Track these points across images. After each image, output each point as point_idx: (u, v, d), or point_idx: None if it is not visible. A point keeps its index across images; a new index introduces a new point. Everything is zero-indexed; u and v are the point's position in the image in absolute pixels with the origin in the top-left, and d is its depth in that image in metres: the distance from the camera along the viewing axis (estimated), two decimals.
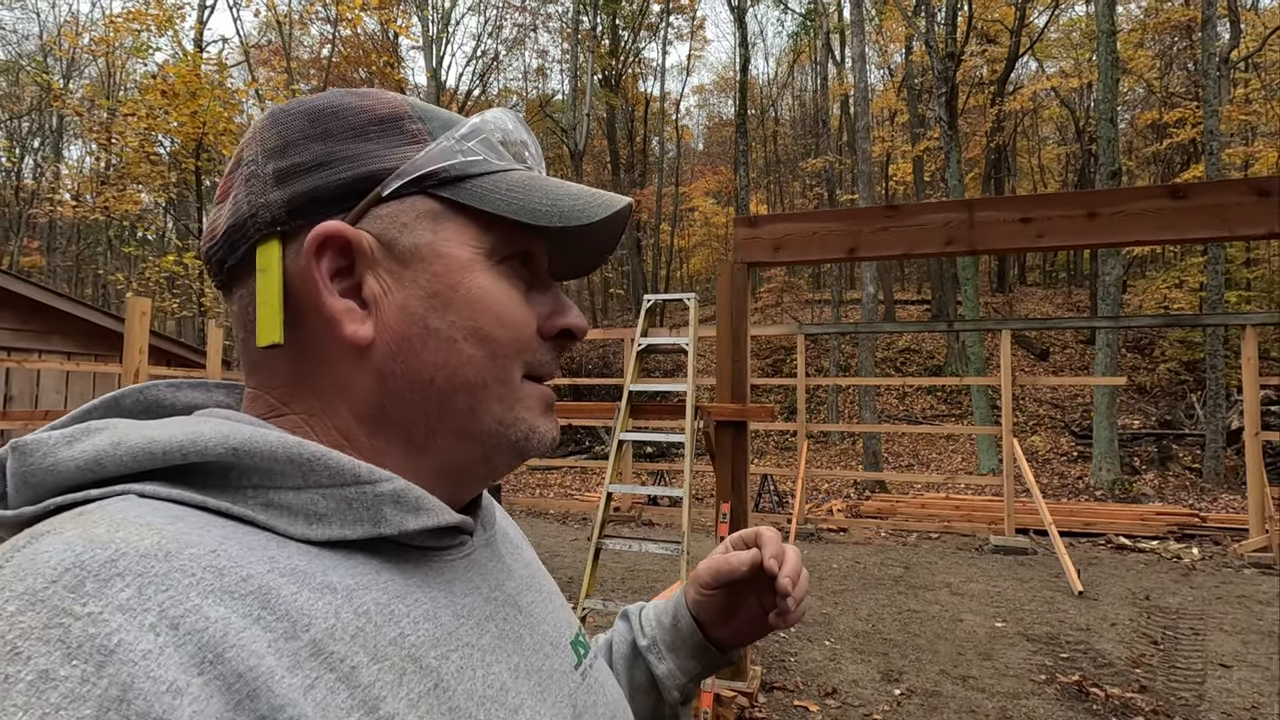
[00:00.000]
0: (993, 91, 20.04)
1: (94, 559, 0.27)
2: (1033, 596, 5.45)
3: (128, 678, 0.25)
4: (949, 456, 14.50)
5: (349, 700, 0.31)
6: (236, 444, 0.35)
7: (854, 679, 3.89)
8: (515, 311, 0.43)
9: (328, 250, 0.40)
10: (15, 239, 23.85)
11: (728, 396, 3.72)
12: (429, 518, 0.38)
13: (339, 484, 0.36)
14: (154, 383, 0.44)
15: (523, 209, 0.42)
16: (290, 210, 0.40)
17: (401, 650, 0.34)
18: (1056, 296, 21.63)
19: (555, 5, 26.26)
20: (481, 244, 0.42)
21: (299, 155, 0.41)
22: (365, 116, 0.42)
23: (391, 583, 0.37)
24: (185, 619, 0.27)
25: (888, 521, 8.35)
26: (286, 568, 0.33)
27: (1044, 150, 26.48)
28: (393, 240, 0.41)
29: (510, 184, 0.43)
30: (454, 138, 0.43)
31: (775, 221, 3.77)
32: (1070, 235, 3.33)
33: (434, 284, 0.41)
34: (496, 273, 0.43)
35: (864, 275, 13.61)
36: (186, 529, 0.31)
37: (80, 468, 0.34)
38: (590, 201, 0.43)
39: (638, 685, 0.63)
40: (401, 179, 0.41)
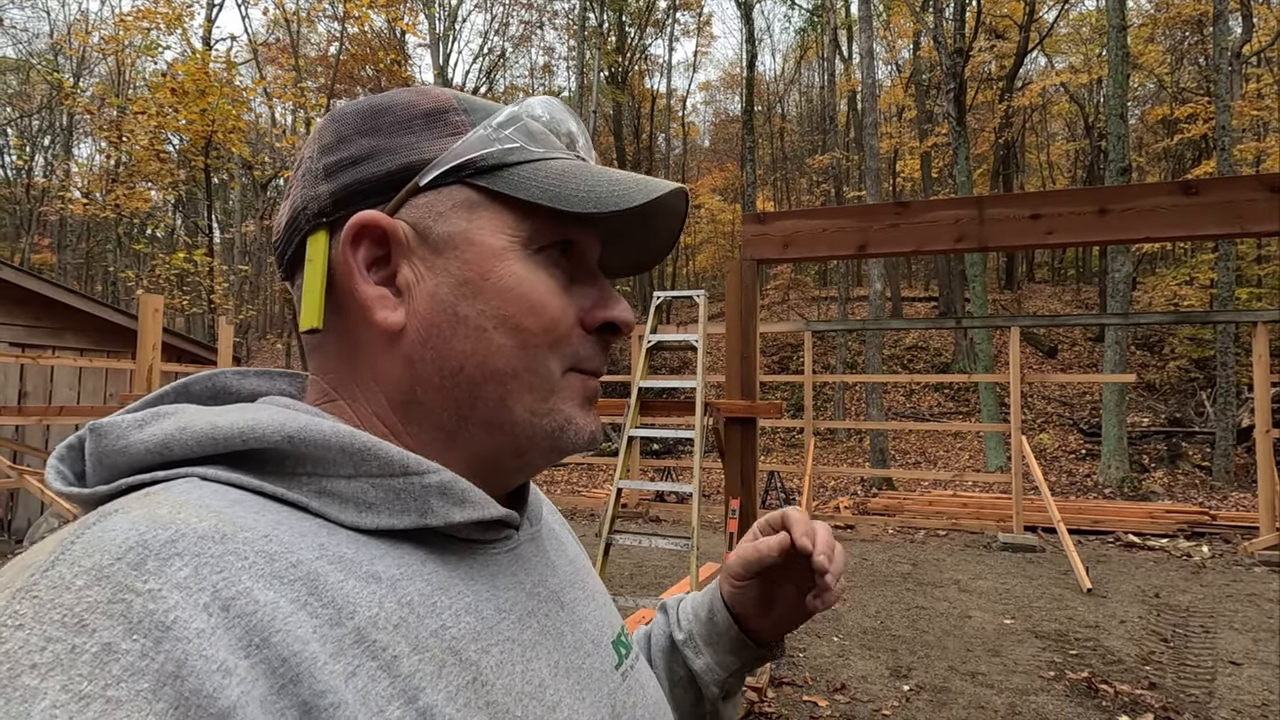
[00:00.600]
0: (1001, 87, 19.92)
1: (156, 538, 0.29)
2: (1041, 594, 5.45)
3: (182, 654, 0.26)
4: (956, 454, 14.46)
5: (389, 689, 0.31)
6: (292, 432, 0.36)
7: (863, 675, 3.90)
8: (550, 301, 0.42)
9: (364, 239, 0.41)
10: (26, 236, 24.04)
11: (737, 393, 3.73)
12: (474, 510, 0.39)
13: (388, 474, 0.37)
14: (221, 370, 0.45)
15: (557, 195, 0.41)
16: (335, 202, 0.41)
17: (442, 642, 0.35)
18: (1065, 294, 21.52)
19: (562, 2, 26.28)
20: (517, 232, 0.42)
21: (347, 150, 0.42)
22: (412, 111, 0.43)
23: (435, 574, 0.38)
24: (236, 601, 0.29)
25: (895, 519, 8.34)
26: (335, 555, 0.34)
27: (1053, 146, 26.31)
28: (428, 229, 0.41)
29: (549, 172, 0.42)
30: (490, 125, 0.42)
31: (784, 218, 3.77)
32: (1080, 232, 3.32)
33: (465, 271, 0.41)
34: (532, 262, 0.42)
35: (871, 272, 13.57)
36: (243, 513, 0.33)
37: (149, 450, 0.36)
38: (631, 187, 0.42)
39: (677, 679, 0.62)
40: (438, 168, 0.41)
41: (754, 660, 0.61)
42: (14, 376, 7.27)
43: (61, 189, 20.08)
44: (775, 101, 31.37)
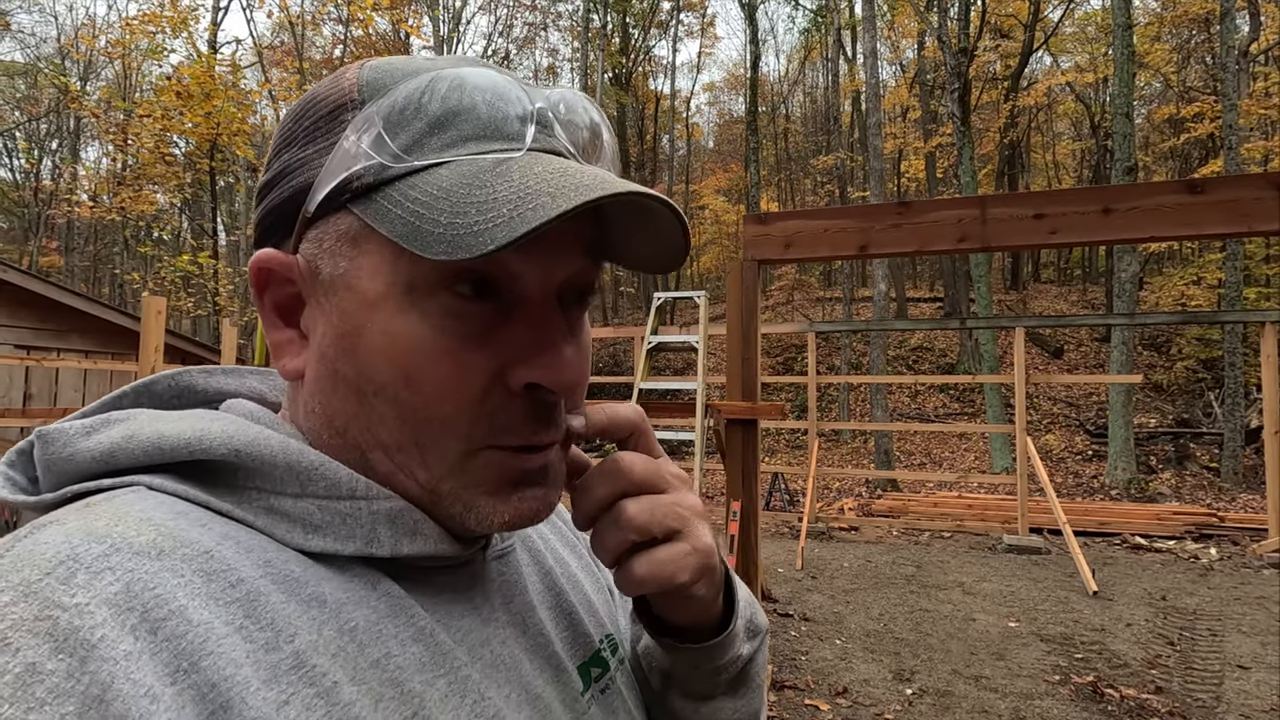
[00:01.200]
0: (1006, 87, 19.85)
1: (89, 552, 0.27)
2: (1047, 596, 5.41)
3: (108, 677, 0.25)
4: (962, 455, 14.40)
5: (326, 718, 0.29)
6: (239, 445, 0.34)
7: (865, 678, 3.87)
8: (434, 369, 0.34)
9: (269, 279, 0.38)
10: (34, 239, 24.20)
11: (738, 394, 3.71)
12: (425, 544, 0.36)
13: (334, 496, 0.35)
14: (187, 369, 0.43)
15: (413, 232, 0.31)
16: (261, 231, 0.39)
17: (384, 673, 0.33)
18: (1071, 294, 21.42)
19: (566, 4, 26.32)
20: (397, 273, 0.34)
21: (272, 168, 0.39)
22: (320, 110, 0.37)
23: (386, 599, 0.35)
24: (167, 622, 0.27)
25: (900, 520, 8.30)
26: (280, 574, 0.32)
27: (1058, 146, 26.21)
28: (318, 267, 0.36)
29: (424, 190, 0.32)
30: (353, 134, 0.34)
31: (786, 219, 3.76)
32: (1084, 231, 3.29)
33: (342, 323, 0.35)
34: (419, 312, 0.34)
35: (875, 273, 13.54)
36: (187, 526, 0.31)
37: (95, 459, 0.34)
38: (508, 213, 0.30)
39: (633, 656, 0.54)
40: (318, 194, 0.35)
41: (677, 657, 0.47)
42: (19, 379, 7.30)
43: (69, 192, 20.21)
44: (779, 102, 31.35)
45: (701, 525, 0.42)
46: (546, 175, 0.32)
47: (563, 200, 0.30)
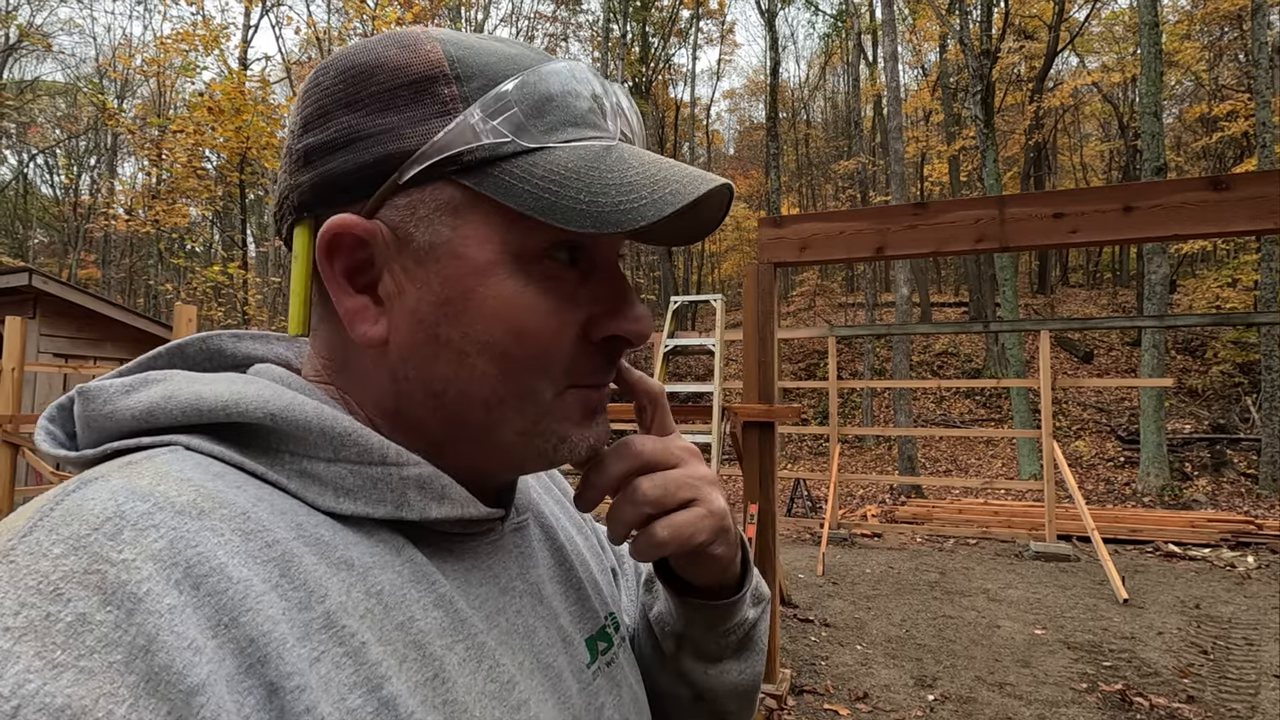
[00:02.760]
0: (1031, 88, 19.59)
1: (134, 510, 0.28)
2: (1075, 603, 5.29)
3: (154, 629, 0.26)
4: (988, 461, 14.16)
5: (353, 676, 0.31)
6: (275, 410, 0.35)
7: (886, 684, 3.82)
8: (542, 324, 0.37)
9: (341, 245, 0.37)
10: (73, 252, 24.99)
11: (755, 397, 3.71)
12: (453, 508, 0.38)
13: (366, 462, 0.36)
14: (218, 332, 0.44)
15: (553, 207, 0.35)
16: (316, 195, 0.38)
17: (407, 635, 0.34)
18: (1101, 297, 20.99)
19: (585, 14, 26.57)
20: (508, 243, 0.37)
21: (326, 131, 0.38)
22: (399, 79, 0.37)
23: (410, 564, 0.36)
24: (209, 579, 0.28)
25: (924, 527, 8.19)
26: (311, 537, 0.33)
27: (1086, 147, 25.76)
28: (409, 235, 0.37)
29: (549, 169, 0.36)
30: (478, 112, 0.36)
31: (801, 221, 3.76)
32: (1105, 230, 3.24)
33: (446, 289, 0.37)
34: (525, 276, 0.37)
35: (898, 277, 13.41)
36: (224, 487, 0.32)
37: (135, 417, 0.35)
38: (646, 197, 0.35)
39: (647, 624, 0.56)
40: (419, 165, 0.36)
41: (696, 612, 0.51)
42: (58, 386, 7.54)
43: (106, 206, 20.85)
44: (800, 108, 31.27)
45: (714, 490, 0.46)
46: (657, 164, 0.37)
47: (690, 188, 0.36)
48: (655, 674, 0.56)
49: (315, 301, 0.41)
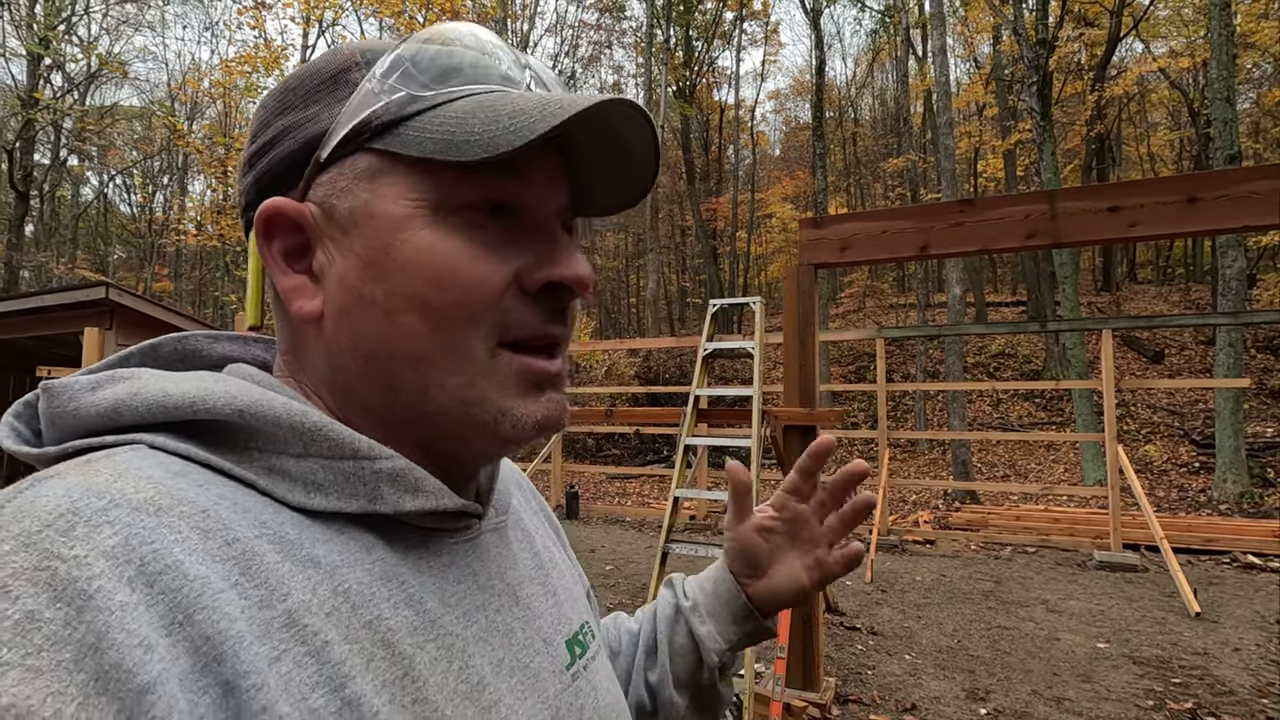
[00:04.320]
0: (1092, 77, 18.77)
1: (88, 506, 0.28)
2: (1141, 616, 5.03)
3: (103, 626, 0.25)
4: (1049, 466, 13.59)
5: (315, 676, 0.30)
6: (243, 405, 0.35)
7: (935, 695, 3.71)
8: (466, 269, 0.37)
9: (277, 228, 0.39)
10: (148, 266, 26.47)
11: (796, 401, 3.66)
12: (427, 499, 0.38)
13: (338, 456, 0.36)
14: (193, 333, 0.44)
15: (450, 144, 0.36)
16: (258, 192, 0.40)
17: (375, 634, 0.34)
18: (1172, 294, 19.93)
19: (630, 21, 26.73)
20: (422, 196, 0.38)
21: (265, 134, 0.40)
22: (318, 78, 0.40)
23: (381, 562, 0.36)
24: (163, 576, 0.28)
25: (979, 534, 7.91)
26: (275, 535, 0.33)
27: (1154, 137, 24.53)
28: (333, 207, 0.38)
29: (448, 117, 0.37)
30: (374, 77, 0.38)
31: (842, 221, 3.69)
32: (1167, 223, 3.08)
33: (367, 249, 0.38)
34: (444, 227, 0.38)
35: (949, 276, 13.01)
36: (185, 485, 0.32)
37: (100, 414, 0.35)
38: (534, 115, 0.35)
39: (678, 647, 0.62)
40: (333, 138, 0.38)
41: (754, 634, 0.63)
42: None
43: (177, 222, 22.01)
44: (847, 106, 30.73)
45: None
46: (554, 95, 0.38)
47: (577, 104, 0.35)
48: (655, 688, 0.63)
49: (271, 300, 0.42)
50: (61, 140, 23.49)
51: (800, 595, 0.61)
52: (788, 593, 0.61)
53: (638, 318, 27.78)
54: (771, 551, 0.62)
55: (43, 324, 7.53)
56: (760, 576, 0.62)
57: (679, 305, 26.88)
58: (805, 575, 0.61)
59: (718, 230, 25.85)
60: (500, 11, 19.48)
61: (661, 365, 19.32)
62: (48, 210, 25.69)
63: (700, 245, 24.80)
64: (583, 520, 9.10)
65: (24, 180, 17.12)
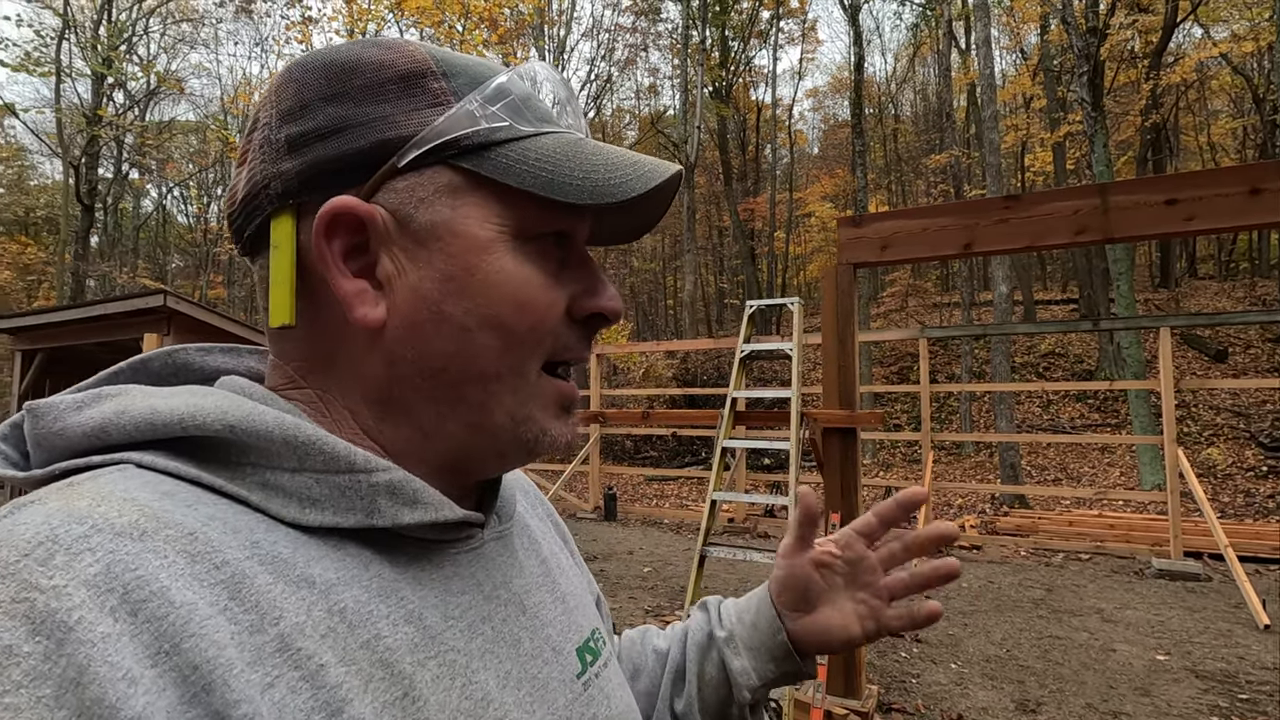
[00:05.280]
0: (1147, 65, 18.04)
1: (68, 533, 0.27)
2: (1205, 628, 4.80)
3: (84, 659, 0.25)
4: (1104, 470, 13.09)
5: (310, 701, 0.29)
6: (234, 420, 0.34)
7: (983, 706, 3.60)
8: (539, 297, 0.39)
9: (339, 228, 0.37)
10: (204, 274, 27.54)
11: (835, 402, 3.60)
12: (426, 512, 0.37)
13: (333, 470, 0.35)
14: (184, 346, 0.43)
15: (550, 183, 0.37)
16: (303, 182, 0.38)
17: (373, 654, 0.33)
18: (1236, 290, 19.01)
19: (665, 23, 26.74)
20: (506, 222, 0.39)
21: (313, 120, 0.38)
22: (385, 74, 0.38)
23: (379, 578, 0.35)
24: (148, 604, 0.27)
25: (1029, 539, 7.66)
26: (268, 555, 0.32)
27: (1214, 125, 23.45)
28: (409, 216, 0.38)
29: (540, 153, 0.38)
30: (476, 100, 0.38)
31: (881, 219, 3.62)
32: (1228, 216, 2.94)
33: (449, 266, 0.37)
34: (522, 254, 0.39)
35: (995, 274, 12.65)
36: (172, 506, 0.31)
37: (86, 434, 0.34)
38: (630, 174, 0.39)
39: (708, 678, 0.60)
40: (419, 149, 0.37)
41: (790, 674, 0.59)
42: None
43: None
44: (887, 102, 30.18)
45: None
46: (623, 151, 0.41)
47: (660, 169, 0.40)
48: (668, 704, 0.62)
49: (306, 298, 0.39)
50: (123, 155, 24.63)
51: (849, 644, 0.58)
52: (836, 639, 0.58)
53: (675, 319, 27.74)
54: (825, 589, 0.58)
55: (105, 330, 7.91)
56: (808, 614, 0.58)
57: (717, 306, 26.75)
58: (858, 624, 0.57)
59: (755, 231, 25.65)
60: (537, 18, 19.71)
61: (699, 367, 19.25)
62: (111, 222, 26.97)
63: (738, 246, 24.64)
64: (621, 522, 9.11)
65: (89, 194, 17.99)
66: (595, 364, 10.40)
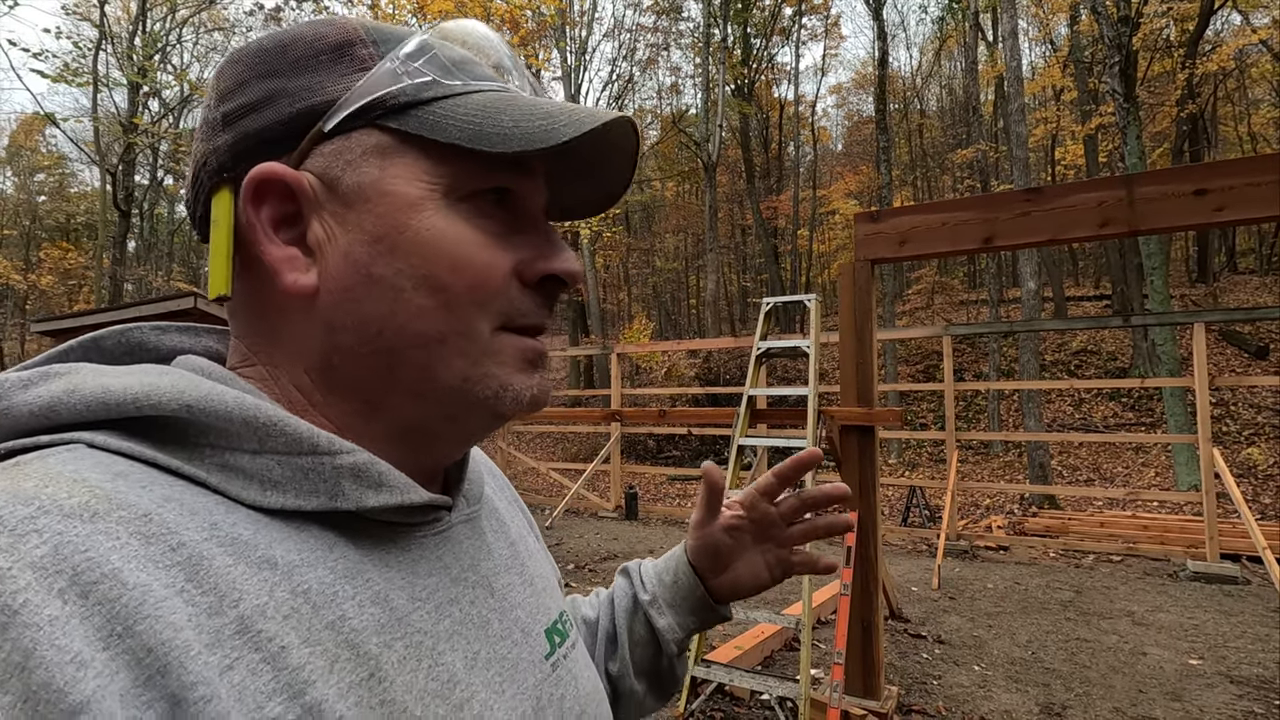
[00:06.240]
0: (1182, 54, 17.53)
1: (13, 514, 0.26)
2: (1241, 633, 4.65)
3: (30, 643, 0.24)
4: (1138, 470, 12.76)
5: (272, 683, 0.29)
6: (191, 400, 0.33)
7: (1006, 709, 3.53)
8: (476, 255, 0.38)
9: (268, 195, 0.37)
10: None
11: (853, 400, 3.56)
12: (391, 495, 0.36)
13: (295, 452, 0.34)
14: (138, 324, 0.42)
15: (477, 134, 0.36)
16: (235, 155, 0.37)
17: (338, 635, 0.32)
18: (1278, 284, 18.39)
19: (687, 22, 26.67)
20: (436, 179, 0.37)
21: (246, 95, 0.38)
22: (317, 46, 0.38)
23: (343, 560, 0.35)
24: (98, 586, 0.26)
25: (1058, 540, 7.50)
26: (227, 537, 0.31)
27: (1254, 115, 22.72)
28: (336, 179, 0.37)
29: (470, 108, 0.37)
30: (398, 57, 0.38)
31: (900, 214, 3.57)
32: (1261, 206, 2.85)
33: (378, 226, 0.37)
34: (455, 212, 0.38)
35: (1023, 270, 12.40)
36: (125, 487, 0.30)
37: (34, 413, 0.33)
38: (561, 120, 0.37)
39: (637, 638, 0.65)
40: (343, 110, 0.37)
41: (710, 621, 0.66)
42: None
43: None
44: (912, 97, 29.75)
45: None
46: (571, 105, 0.39)
47: (598, 117, 0.37)
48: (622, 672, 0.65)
49: (237, 272, 0.39)
50: (158, 162, 25.27)
51: (759, 589, 0.65)
52: (749, 586, 0.64)
53: (698, 319, 27.67)
54: (735, 548, 0.64)
55: None
56: (723, 571, 0.64)
57: (740, 305, 26.62)
58: (767, 571, 0.64)
59: (779, 229, 25.46)
60: (559, 20, 19.80)
61: (722, 366, 19.16)
62: (147, 227, 27.70)
63: (761, 244, 24.49)
64: (642, 521, 9.12)
65: (126, 200, 18.50)
66: (616, 363, 10.41)
